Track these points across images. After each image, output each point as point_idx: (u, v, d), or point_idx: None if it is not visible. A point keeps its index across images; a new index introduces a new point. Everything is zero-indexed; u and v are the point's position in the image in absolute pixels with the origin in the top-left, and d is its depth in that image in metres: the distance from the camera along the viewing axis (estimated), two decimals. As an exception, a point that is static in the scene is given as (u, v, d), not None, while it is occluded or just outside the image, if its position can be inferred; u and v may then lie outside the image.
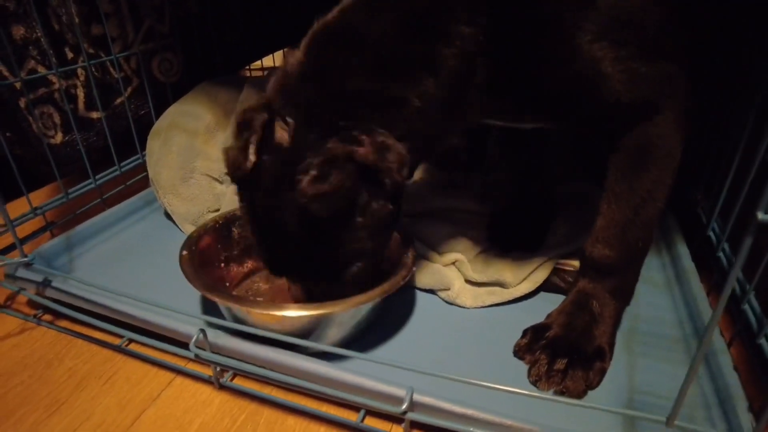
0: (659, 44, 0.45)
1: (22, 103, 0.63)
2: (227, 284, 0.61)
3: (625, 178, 0.49)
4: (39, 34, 0.64)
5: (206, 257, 0.59)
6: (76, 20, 0.70)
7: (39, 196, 0.81)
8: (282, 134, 0.44)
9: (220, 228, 0.63)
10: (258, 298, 0.61)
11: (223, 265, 0.62)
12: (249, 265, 0.64)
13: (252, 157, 0.45)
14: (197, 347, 0.48)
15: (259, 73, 1.26)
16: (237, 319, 0.51)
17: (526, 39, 0.45)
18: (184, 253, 0.56)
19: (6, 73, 0.61)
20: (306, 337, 0.49)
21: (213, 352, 0.49)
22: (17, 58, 0.62)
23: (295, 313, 0.47)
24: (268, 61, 1.26)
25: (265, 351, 0.49)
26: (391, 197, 0.46)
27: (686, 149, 0.49)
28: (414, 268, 0.55)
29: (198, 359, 0.48)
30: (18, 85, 0.62)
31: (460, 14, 0.43)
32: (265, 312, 0.48)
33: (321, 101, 0.44)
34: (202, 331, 0.48)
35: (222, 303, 0.50)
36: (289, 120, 0.44)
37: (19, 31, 0.63)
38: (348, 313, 0.50)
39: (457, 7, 0.43)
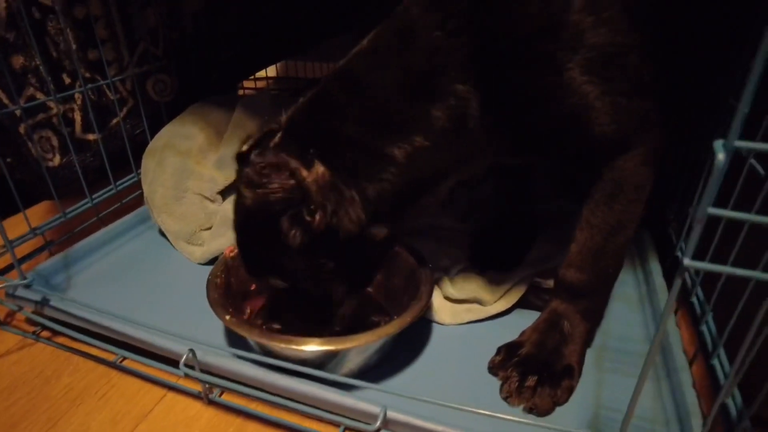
0: (639, 80, 0.47)
1: (21, 129, 0.66)
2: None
3: (599, 208, 0.52)
4: (38, 63, 0.67)
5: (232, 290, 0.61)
6: (74, 47, 0.72)
7: (36, 214, 0.84)
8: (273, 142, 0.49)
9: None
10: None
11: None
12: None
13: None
14: (186, 366, 0.51)
15: (252, 90, 1.29)
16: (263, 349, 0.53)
17: (519, 85, 0.47)
18: (214, 295, 0.57)
19: (6, 101, 0.64)
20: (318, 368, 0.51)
21: (202, 371, 0.52)
22: (17, 86, 0.65)
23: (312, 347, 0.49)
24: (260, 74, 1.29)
25: (250, 370, 0.51)
26: (319, 240, 0.47)
27: (661, 169, 0.52)
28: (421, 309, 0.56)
29: (187, 377, 0.51)
30: (18, 112, 0.65)
31: (455, 75, 0.46)
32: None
33: (312, 134, 0.48)
34: (191, 350, 0.51)
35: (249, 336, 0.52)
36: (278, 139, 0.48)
37: (19, 60, 0.65)
38: (355, 349, 0.52)
39: (453, 68, 0.46)
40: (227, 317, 0.53)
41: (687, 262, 0.30)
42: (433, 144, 0.47)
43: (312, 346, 0.49)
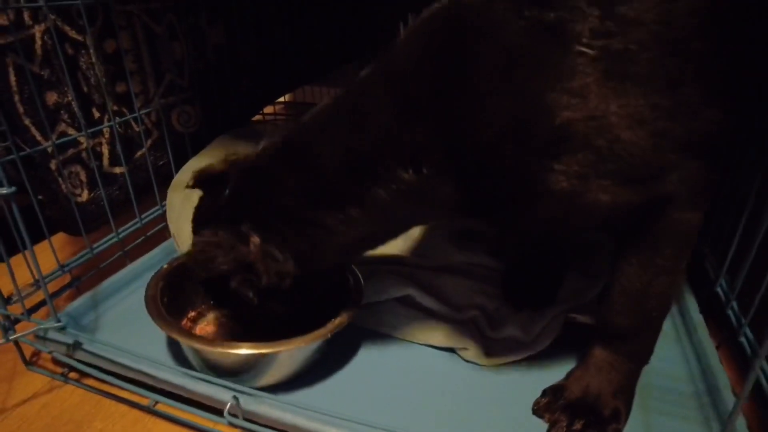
0: (657, 163, 0.42)
1: (53, 165, 0.65)
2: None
3: (640, 254, 0.49)
4: (70, 98, 0.66)
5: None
6: (103, 80, 0.72)
7: (57, 247, 0.82)
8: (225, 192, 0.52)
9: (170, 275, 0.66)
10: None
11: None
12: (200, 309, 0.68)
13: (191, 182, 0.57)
14: (230, 414, 0.49)
15: (271, 115, 1.30)
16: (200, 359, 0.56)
17: (488, 182, 0.44)
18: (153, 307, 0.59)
19: (39, 138, 0.63)
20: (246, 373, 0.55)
21: (245, 419, 0.50)
22: (50, 123, 0.64)
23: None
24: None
25: (293, 417, 0.50)
26: (268, 292, 0.51)
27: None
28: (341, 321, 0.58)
29: (231, 426, 0.50)
30: (50, 148, 0.64)
31: (403, 161, 0.45)
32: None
33: (251, 195, 0.51)
34: (236, 398, 0.49)
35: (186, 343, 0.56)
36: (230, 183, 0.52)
37: (53, 97, 0.65)
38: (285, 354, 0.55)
39: (401, 155, 0.45)
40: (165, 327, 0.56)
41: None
42: (370, 216, 0.48)
43: (243, 350, 0.52)
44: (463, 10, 0.43)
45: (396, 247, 0.74)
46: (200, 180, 0.57)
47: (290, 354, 0.56)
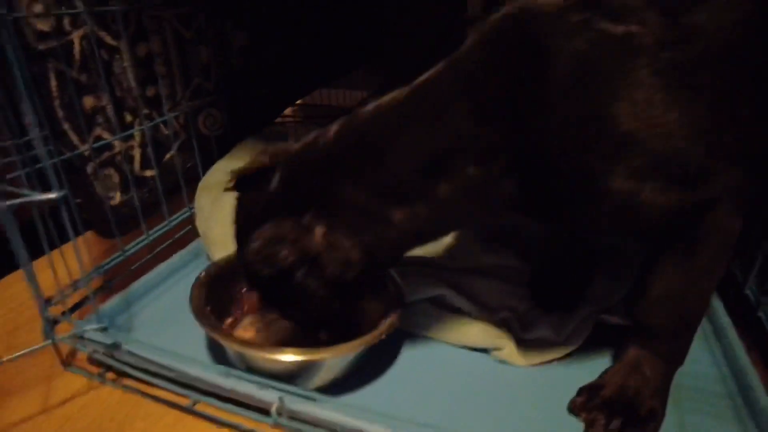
0: (708, 168, 0.44)
1: (89, 168, 0.66)
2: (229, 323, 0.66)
3: (677, 258, 0.50)
4: (105, 103, 0.67)
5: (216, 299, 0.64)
6: (134, 84, 0.73)
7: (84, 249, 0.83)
8: (270, 185, 0.52)
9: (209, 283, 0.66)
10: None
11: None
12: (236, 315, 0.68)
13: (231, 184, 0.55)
14: (277, 413, 0.50)
15: (290, 118, 1.31)
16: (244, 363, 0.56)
17: (549, 182, 0.46)
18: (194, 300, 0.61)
19: (77, 142, 0.64)
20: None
21: (289, 418, 0.51)
22: (87, 127, 0.65)
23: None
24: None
25: (338, 416, 0.51)
26: (331, 284, 0.51)
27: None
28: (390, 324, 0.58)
29: (276, 426, 0.51)
30: (87, 152, 0.65)
31: (473, 158, 0.47)
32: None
33: (313, 184, 0.50)
34: (281, 399, 0.50)
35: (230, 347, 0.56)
36: (279, 179, 0.51)
37: (89, 101, 0.66)
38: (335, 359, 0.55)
39: (473, 152, 0.47)
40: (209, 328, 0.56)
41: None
42: (433, 213, 0.49)
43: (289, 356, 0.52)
44: (535, 19, 0.44)
45: (424, 248, 0.74)
46: (240, 179, 0.56)
47: (347, 357, 0.56)
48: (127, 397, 0.61)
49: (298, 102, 1.46)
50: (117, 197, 0.72)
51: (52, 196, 0.48)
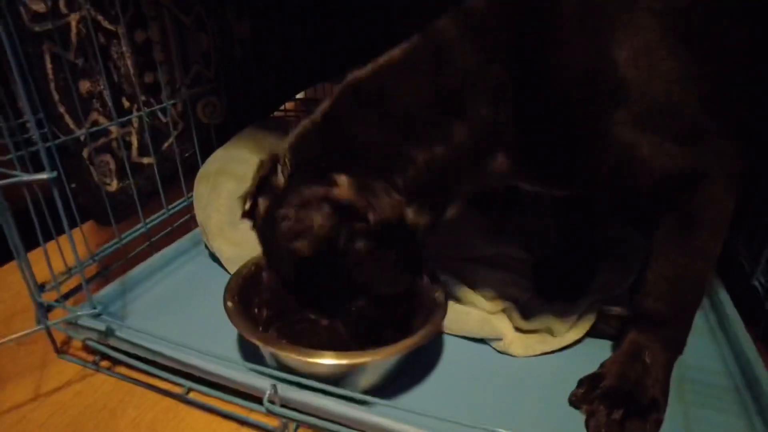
0: (701, 127, 0.45)
1: (85, 153, 0.65)
2: (260, 328, 0.62)
3: (673, 239, 0.50)
4: (102, 87, 0.66)
5: (244, 304, 0.60)
6: (132, 70, 0.72)
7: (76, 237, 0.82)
8: (279, 178, 0.48)
9: (253, 274, 0.64)
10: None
11: (256, 310, 0.63)
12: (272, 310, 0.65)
13: (246, 205, 0.51)
14: (269, 401, 0.49)
15: (292, 111, 1.30)
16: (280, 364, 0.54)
17: (552, 125, 0.46)
18: (229, 304, 0.58)
19: (73, 126, 0.63)
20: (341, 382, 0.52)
21: (282, 406, 0.50)
22: (83, 111, 0.65)
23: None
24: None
25: (332, 405, 0.50)
26: (380, 236, 0.46)
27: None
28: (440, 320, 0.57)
29: (269, 413, 0.50)
30: (83, 136, 0.64)
31: (483, 99, 0.47)
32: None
33: (324, 148, 0.48)
34: (274, 386, 0.49)
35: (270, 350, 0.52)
36: (287, 163, 0.48)
37: (86, 85, 0.65)
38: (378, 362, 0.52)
39: (482, 93, 0.47)
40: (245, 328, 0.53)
41: None
42: (454, 156, 0.48)
43: (328, 360, 0.50)
44: None
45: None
46: (252, 197, 0.52)
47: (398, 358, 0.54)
48: (120, 385, 0.60)
49: (300, 96, 1.45)
50: (114, 184, 0.72)
51: (43, 176, 0.48)
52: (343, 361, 0.50)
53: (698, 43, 0.44)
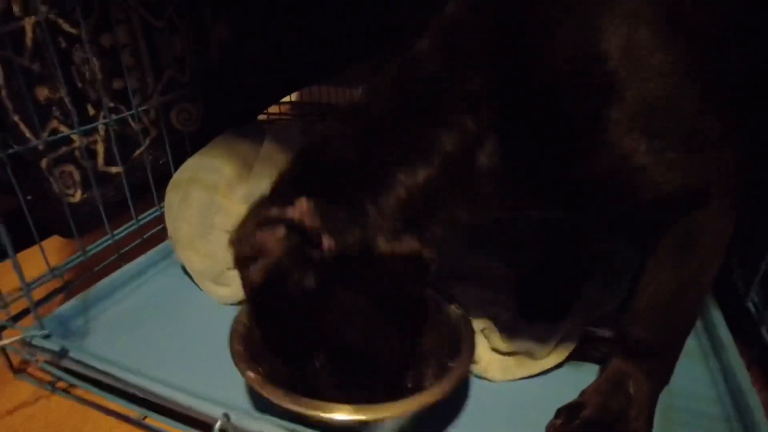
0: (702, 131, 0.41)
1: (43, 163, 0.62)
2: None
3: (667, 262, 0.47)
4: (62, 94, 0.63)
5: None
6: (99, 76, 0.69)
7: (48, 249, 0.80)
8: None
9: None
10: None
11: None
12: None
13: None
14: (220, 430, 0.46)
15: (276, 115, 1.27)
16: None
17: (541, 135, 0.42)
18: (238, 348, 0.52)
19: (29, 135, 0.60)
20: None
21: (236, 437, 0.47)
22: (40, 119, 0.62)
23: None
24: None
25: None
26: (346, 271, 0.42)
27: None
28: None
29: (221, 445, 0.46)
30: (41, 146, 0.61)
31: (462, 108, 0.42)
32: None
33: (302, 171, 0.45)
34: (226, 415, 0.46)
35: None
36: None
37: (43, 92, 0.62)
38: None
39: (459, 102, 0.42)
40: (251, 374, 0.48)
41: None
42: (434, 175, 0.43)
43: (343, 415, 0.44)
44: None
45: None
46: None
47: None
48: (75, 409, 0.57)
49: (290, 99, 1.42)
50: (77, 195, 0.69)
51: (-20, 192, 0.45)
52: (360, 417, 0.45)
53: (694, 37, 0.39)
